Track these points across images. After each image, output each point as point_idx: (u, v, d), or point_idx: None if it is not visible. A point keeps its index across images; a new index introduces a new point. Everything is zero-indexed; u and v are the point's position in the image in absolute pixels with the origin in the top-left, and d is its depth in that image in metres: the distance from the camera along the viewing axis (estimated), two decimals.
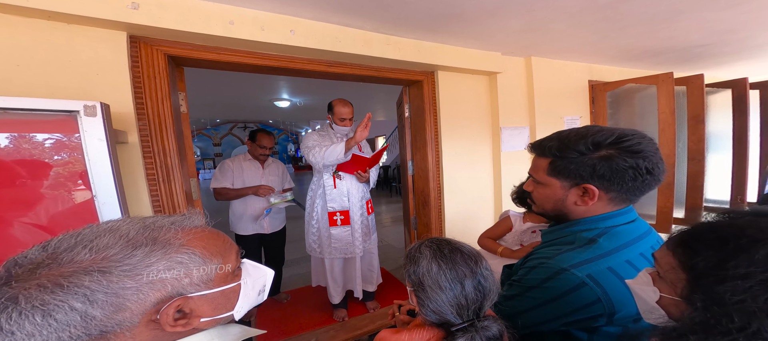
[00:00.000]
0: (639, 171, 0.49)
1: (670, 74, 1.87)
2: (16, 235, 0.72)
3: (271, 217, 1.86)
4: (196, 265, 0.34)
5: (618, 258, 0.49)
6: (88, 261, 0.29)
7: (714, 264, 0.29)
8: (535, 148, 0.59)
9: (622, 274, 0.48)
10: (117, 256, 0.30)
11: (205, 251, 0.35)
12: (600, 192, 0.52)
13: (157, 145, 1.05)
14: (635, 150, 0.49)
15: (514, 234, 1.05)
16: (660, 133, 1.92)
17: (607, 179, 0.50)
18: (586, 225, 0.54)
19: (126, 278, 0.30)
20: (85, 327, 0.28)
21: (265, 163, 1.88)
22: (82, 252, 0.30)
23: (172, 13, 1.00)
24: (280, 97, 4.06)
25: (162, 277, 0.32)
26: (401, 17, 1.28)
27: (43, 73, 0.89)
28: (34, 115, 0.70)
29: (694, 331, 0.28)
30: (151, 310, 0.31)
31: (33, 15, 0.87)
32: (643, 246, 0.52)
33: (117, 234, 0.32)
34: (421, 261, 0.49)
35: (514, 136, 1.94)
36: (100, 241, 0.31)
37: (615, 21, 1.45)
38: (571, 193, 0.54)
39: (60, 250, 0.30)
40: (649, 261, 0.51)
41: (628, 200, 0.54)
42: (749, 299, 0.26)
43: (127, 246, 0.31)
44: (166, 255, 0.33)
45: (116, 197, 0.76)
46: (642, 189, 0.51)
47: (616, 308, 0.47)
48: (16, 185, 0.71)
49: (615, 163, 0.49)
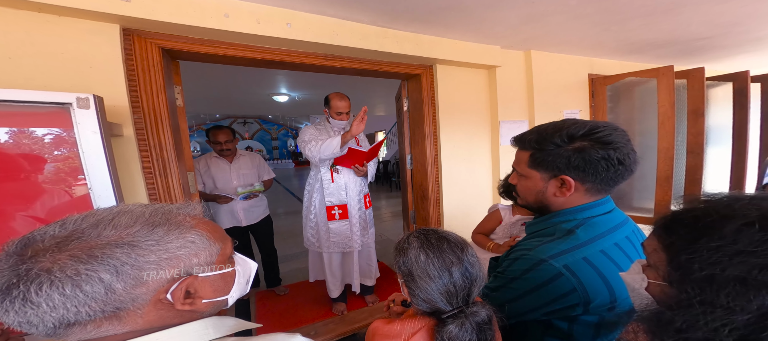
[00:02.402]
0: (611, 162, 0.50)
1: (670, 67, 1.86)
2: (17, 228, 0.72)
3: (247, 210, 1.84)
4: (203, 246, 0.36)
5: (593, 249, 0.50)
6: (116, 236, 0.31)
7: (687, 240, 0.30)
8: (517, 141, 0.61)
9: (597, 264, 0.49)
10: (141, 232, 0.32)
11: (210, 234, 0.37)
12: (576, 183, 0.53)
13: (153, 138, 1.05)
14: (606, 141, 0.50)
15: (504, 227, 1.06)
16: (659, 126, 1.91)
17: (581, 170, 0.52)
18: (565, 216, 0.55)
19: (150, 252, 0.32)
20: (104, 302, 0.29)
21: (234, 158, 1.84)
22: (107, 229, 0.31)
23: (166, 6, 0.99)
24: (278, 92, 4.03)
25: (177, 254, 0.34)
26: (399, 9, 1.26)
27: (35, 66, 0.88)
28: (27, 107, 0.69)
29: (671, 308, 0.29)
30: (161, 288, 0.32)
31: (24, 6, 0.86)
32: (618, 236, 0.53)
33: (133, 215, 0.33)
34: (410, 252, 0.50)
35: (513, 130, 1.92)
36: (120, 219, 0.32)
37: (615, 13, 1.43)
38: (550, 185, 0.56)
39: (83, 228, 0.31)
40: (623, 251, 0.52)
41: (604, 190, 0.55)
42: (718, 271, 0.26)
43: (147, 225, 0.33)
44: (181, 234, 0.35)
45: (112, 190, 0.76)
46: (615, 179, 0.52)
47: (590, 297, 0.48)
48: (16, 179, 0.71)
49: (588, 154, 0.51)
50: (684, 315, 0.27)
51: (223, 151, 1.79)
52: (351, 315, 1.72)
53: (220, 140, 1.76)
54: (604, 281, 0.48)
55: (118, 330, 0.31)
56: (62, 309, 0.28)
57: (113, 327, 0.31)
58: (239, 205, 1.80)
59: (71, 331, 0.30)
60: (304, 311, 1.79)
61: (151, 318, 0.33)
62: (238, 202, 1.78)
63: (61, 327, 0.29)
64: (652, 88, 1.95)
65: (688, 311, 0.27)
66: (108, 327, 0.31)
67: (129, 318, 0.32)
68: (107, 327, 0.31)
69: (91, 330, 0.30)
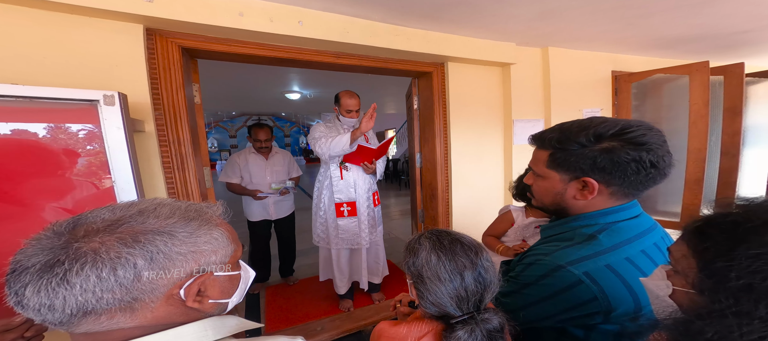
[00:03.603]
0: (642, 165, 0.46)
1: (705, 63, 1.72)
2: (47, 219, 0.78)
3: (277, 205, 1.97)
4: (223, 245, 0.37)
5: (617, 256, 0.47)
6: (157, 225, 0.33)
7: (724, 247, 0.28)
8: (535, 139, 0.58)
9: (622, 272, 0.46)
10: (179, 224, 0.34)
11: (229, 235, 0.39)
12: (600, 186, 0.50)
13: (172, 134, 1.09)
14: (639, 141, 0.46)
15: (516, 230, 1.02)
16: (691, 125, 1.78)
17: (607, 172, 0.48)
18: (586, 220, 0.52)
19: (182, 244, 0.33)
20: (128, 290, 0.30)
21: (269, 154, 1.97)
22: (150, 218, 0.33)
23: (185, 5, 1.03)
24: (291, 90, 4.11)
25: (202, 249, 0.35)
26: (410, 6, 1.24)
27: (67, 65, 0.95)
28: (59, 104, 0.74)
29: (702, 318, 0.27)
30: (178, 283, 0.33)
31: (59, 9, 0.92)
32: (646, 242, 0.50)
33: (172, 207, 0.35)
34: (421, 253, 0.48)
35: (528, 129, 1.87)
36: (161, 210, 0.34)
37: (636, 7, 1.34)
38: (570, 187, 0.52)
39: (129, 215, 0.33)
40: (651, 258, 0.48)
41: (631, 195, 0.51)
42: (758, 281, 0.24)
43: (183, 217, 0.35)
44: (208, 230, 0.36)
45: (133, 183, 0.80)
46: (645, 183, 0.48)
47: (613, 306, 0.45)
48: (46, 172, 0.77)
49: (616, 156, 0.47)
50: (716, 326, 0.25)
51: (261, 148, 1.93)
52: (357, 313, 1.73)
53: (260, 138, 1.91)
54: (628, 289, 0.45)
55: (127, 323, 0.31)
56: (90, 293, 0.28)
57: (124, 320, 0.31)
58: (271, 200, 1.93)
59: (84, 321, 0.30)
60: (311, 307, 1.81)
61: (160, 314, 0.33)
62: (270, 197, 1.91)
63: (78, 315, 0.29)
64: (682, 86, 1.82)
65: (721, 321, 0.25)
66: (119, 319, 0.31)
67: (141, 311, 0.32)
68: (119, 319, 0.31)
69: (104, 321, 0.30)
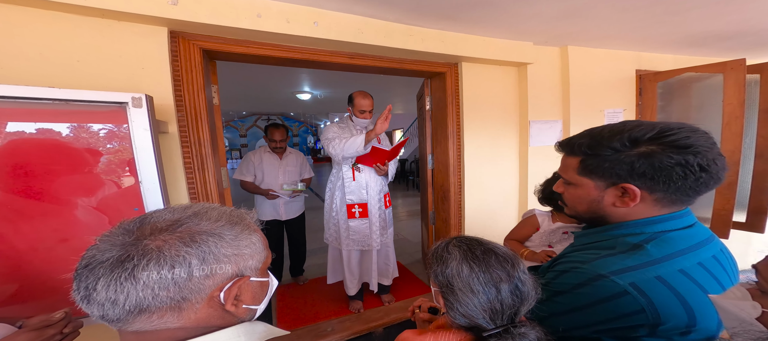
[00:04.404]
0: (690, 169, 0.43)
1: (742, 61, 1.61)
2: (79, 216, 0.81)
3: (287, 205, 1.98)
4: (259, 250, 0.39)
5: (669, 267, 0.44)
6: (209, 226, 0.35)
7: None
8: (563, 146, 0.55)
9: (675, 285, 0.43)
10: (226, 227, 0.36)
11: (264, 241, 0.41)
12: (643, 193, 0.46)
13: (194, 135, 1.12)
14: (683, 144, 0.43)
15: (542, 235, 0.98)
16: (724, 126, 1.67)
17: (649, 178, 0.45)
18: (630, 229, 0.49)
19: (229, 246, 0.35)
20: (180, 289, 0.31)
21: (283, 154, 1.99)
22: (203, 220, 0.35)
23: (206, 8, 1.06)
24: (301, 90, 4.16)
25: (243, 252, 0.36)
26: (426, 6, 1.23)
27: (98, 67, 0.99)
28: (91, 106, 0.78)
29: None
30: (219, 285, 0.34)
31: (90, 13, 0.97)
32: (703, 255, 0.46)
33: (219, 210, 0.38)
34: (450, 262, 0.46)
35: (544, 130, 1.81)
36: (211, 213, 0.37)
37: (673, 3, 1.27)
38: (607, 194, 0.49)
39: (186, 216, 0.35)
40: (710, 272, 0.45)
41: (680, 201, 0.47)
42: None
43: (229, 222, 0.37)
44: (249, 235, 0.38)
45: (158, 183, 0.83)
46: (696, 188, 0.45)
47: (662, 319, 0.42)
48: (78, 171, 0.80)
49: (657, 160, 0.44)
50: None
51: (276, 148, 1.96)
52: (367, 314, 1.73)
53: (275, 138, 1.94)
54: (682, 303, 0.42)
55: (173, 323, 0.32)
56: (150, 289, 0.30)
57: (172, 320, 0.32)
58: (281, 200, 1.95)
59: (139, 318, 0.31)
60: (321, 307, 1.83)
61: (201, 316, 0.34)
62: (282, 198, 1.93)
63: (134, 311, 0.30)
64: (714, 85, 1.72)
65: None
66: (168, 319, 0.32)
67: (187, 311, 0.33)
68: (168, 318, 0.32)
69: (155, 319, 0.31)
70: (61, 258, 0.79)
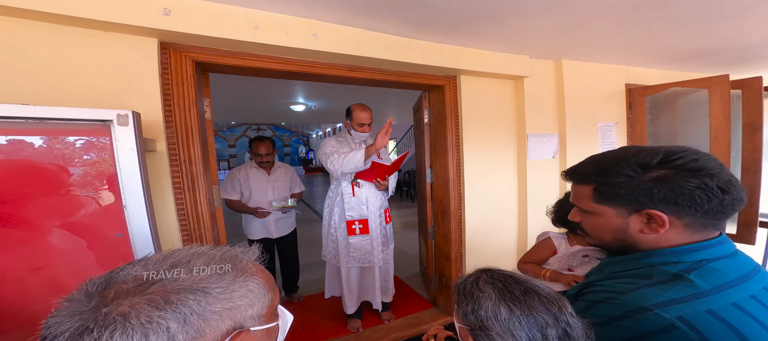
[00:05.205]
0: (710, 192, 0.42)
1: (725, 77, 1.69)
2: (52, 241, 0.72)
3: (278, 222, 1.88)
4: (259, 296, 0.34)
5: (720, 300, 0.41)
6: (190, 282, 0.30)
7: None
8: (570, 175, 0.54)
9: (731, 320, 0.40)
10: (212, 278, 0.31)
11: (266, 283, 0.36)
12: (671, 218, 0.45)
13: (184, 153, 1.05)
14: (694, 167, 0.43)
15: (560, 259, 0.95)
16: (712, 141, 1.74)
17: (672, 203, 0.44)
18: (667, 257, 0.47)
19: (217, 301, 0.31)
20: None
21: (271, 169, 1.88)
22: (183, 272, 0.31)
23: (202, 19, 1.01)
24: (296, 101, 4.10)
25: (238, 304, 0.32)
26: (426, 19, 1.23)
27: (79, 81, 0.92)
28: (70, 125, 0.70)
29: None
30: None
31: (73, 23, 0.90)
32: (753, 287, 0.44)
33: (206, 257, 0.33)
34: (483, 302, 0.42)
35: (542, 144, 1.84)
36: (196, 262, 0.32)
37: (669, 19, 1.31)
38: (632, 221, 0.48)
39: (161, 271, 0.31)
40: (764, 304, 0.42)
41: (712, 226, 0.46)
42: None
43: (218, 271, 0.32)
44: (244, 282, 0.33)
45: (144, 206, 0.75)
46: (723, 210, 0.44)
47: None
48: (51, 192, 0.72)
49: (676, 185, 0.43)
50: None
51: (263, 163, 1.83)
52: (367, 333, 1.65)
53: (261, 152, 1.81)
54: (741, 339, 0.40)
55: None
56: None
57: None
58: (272, 218, 1.84)
59: None
60: (318, 326, 1.74)
61: None
62: (272, 215, 1.83)
63: None
64: (698, 100, 1.79)
65: None
66: None
67: None
68: None
69: None
70: (33, 288, 0.70)
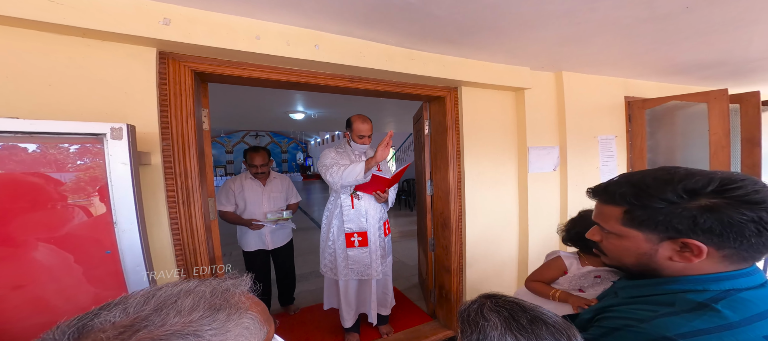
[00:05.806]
0: (764, 226, 0.40)
1: (724, 91, 1.70)
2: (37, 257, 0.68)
3: (274, 233, 1.84)
4: (255, 332, 0.32)
5: (751, 333, 0.39)
6: (180, 324, 0.27)
7: None
8: (598, 193, 0.50)
9: None
10: (204, 319, 0.29)
11: (260, 316, 0.34)
12: (710, 249, 0.42)
13: (179, 166, 1.02)
14: (754, 200, 0.40)
15: (570, 279, 0.93)
16: (712, 156, 1.74)
17: (717, 234, 0.41)
18: (691, 285, 0.44)
19: None
20: None
21: (267, 180, 1.84)
22: (170, 315, 0.28)
23: (202, 29, 1.00)
24: (295, 110, 4.09)
25: None
26: (428, 30, 1.23)
27: (73, 92, 0.89)
28: (62, 139, 0.67)
29: None
30: None
31: (68, 32, 0.87)
32: None
33: (195, 296, 0.31)
34: (488, 331, 0.40)
35: (542, 156, 1.84)
36: (183, 303, 0.29)
37: (670, 33, 1.32)
38: (662, 248, 0.45)
39: (146, 313, 0.28)
40: None
41: (752, 258, 0.44)
42: None
43: (209, 309, 0.30)
44: (238, 319, 0.31)
45: (136, 223, 0.72)
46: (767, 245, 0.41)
47: None
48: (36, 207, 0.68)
49: (727, 216, 0.40)
50: None
51: (258, 174, 1.79)
52: None
53: (256, 163, 1.77)
54: None
55: None
56: None
57: None
58: (267, 229, 1.80)
59: None
60: (315, 339, 1.68)
61: None
62: (267, 226, 1.78)
63: None
64: (697, 113, 1.79)
65: None
66: None
67: None
68: None
69: None
70: (15, 308, 0.66)
